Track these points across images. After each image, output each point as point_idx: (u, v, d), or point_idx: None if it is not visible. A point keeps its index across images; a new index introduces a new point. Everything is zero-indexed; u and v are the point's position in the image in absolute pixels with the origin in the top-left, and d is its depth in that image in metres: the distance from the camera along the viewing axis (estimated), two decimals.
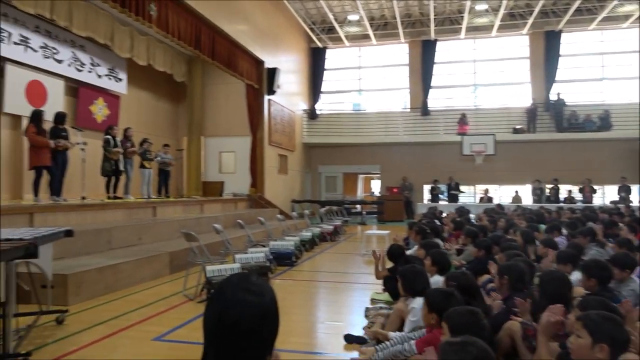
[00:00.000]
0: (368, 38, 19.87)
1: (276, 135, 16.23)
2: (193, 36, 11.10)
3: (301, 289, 6.44)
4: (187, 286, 5.94)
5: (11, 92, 9.69)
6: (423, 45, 19.78)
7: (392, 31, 19.64)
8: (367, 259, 8.80)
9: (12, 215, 6.60)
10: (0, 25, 9.26)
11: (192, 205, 11.73)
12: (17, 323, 4.03)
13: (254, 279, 1.27)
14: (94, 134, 11.28)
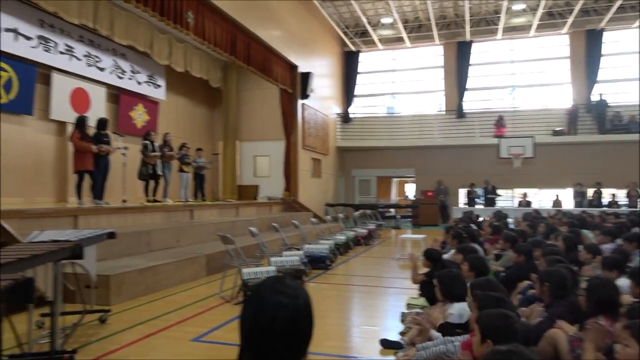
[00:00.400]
0: (402, 41, 19.73)
1: (310, 139, 16.30)
2: (229, 42, 11.30)
3: (336, 293, 6.43)
4: (224, 288, 6.03)
5: (57, 99, 10.11)
6: (458, 47, 19.49)
7: (427, 33, 19.44)
8: (402, 263, 8.72)
9: (57, 218, 6.87)
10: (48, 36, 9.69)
11: (228, 209, 11.91)
12: (64, 321, 4.18)
13: (289, 282, 1.28)
14: (134, 139, 11.62)
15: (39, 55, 9.57)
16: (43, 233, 4.15)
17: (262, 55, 12.94)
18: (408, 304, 5.30)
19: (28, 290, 1.80)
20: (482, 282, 3.27)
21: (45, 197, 9.92)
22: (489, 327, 2.30)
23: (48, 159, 10.07)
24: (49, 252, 2.95)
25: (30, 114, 9.53)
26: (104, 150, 8.48)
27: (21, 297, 1.80)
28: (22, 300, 1.80)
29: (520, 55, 19.43)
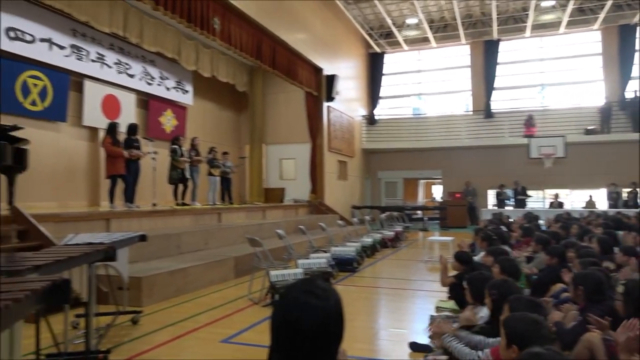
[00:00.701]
0: (427, 41, 19.56)
1: (335, 142, 16.31)
2: (254, 47, 11.42)
3: (363, 295, 6.40)
4: (252, 290, 6.08)
5: (89, 106, 10.40)
6: (485, 46, 19.20)
7: (453, 33, 19.23)
8: (430, 265, 8.62)
9: (91, 221, 7.07)
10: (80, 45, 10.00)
11: (255, 212, 12.02)
12: (98, 322, 4.29)
13: (320, 283, 1.28)
14: (164, 144, 11.86)
15: (72, 63, 9.87)
16: (77, 236, 4.27)
17: (287, 59, 13.02)
18: (437, 307, 5.23)
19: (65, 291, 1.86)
20: (499, 283, 3.21)
21: (79, 201, 10.20)
22: (515, 332, 2.23)
23: (81, 164, 10.36)
24: (84, 254, 3.04)
25: (64, 120, 9.84)
26: (134, 155, 8.68)
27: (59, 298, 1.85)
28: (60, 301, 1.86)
29: (550, 53, 19.00)
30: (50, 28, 9.33)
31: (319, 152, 15.26)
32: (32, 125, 8.85)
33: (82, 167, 10.38)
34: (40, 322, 3.47)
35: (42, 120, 9.40)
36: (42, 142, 9.27)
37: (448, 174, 19.36)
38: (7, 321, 1.56)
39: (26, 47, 8.89)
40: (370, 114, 20.24)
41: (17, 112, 8.82)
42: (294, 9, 13.42)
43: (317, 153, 15.23)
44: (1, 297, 1.56)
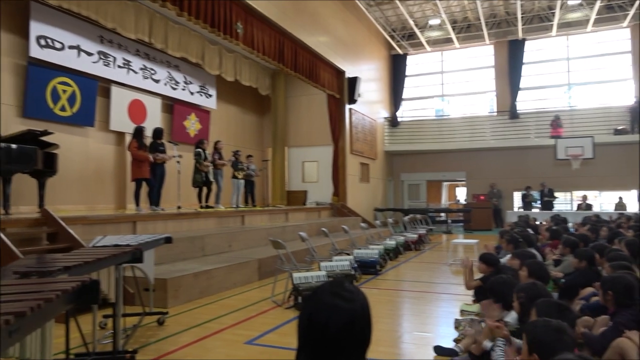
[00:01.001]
0: (450, 42, 19.37)
1: (358, 144, 16.28)
2: (276, 50, 11.49)
3: (386, 298, 6.36)
4: (275, 292, 6.11)
5: (116, 111, 10.63)
6: (510, 46, 18.91)
7: (476, 33, 19.00)
8: (454, 268, 8.52)
9: (117, 223, 7.21)
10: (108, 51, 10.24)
11: (278, 214, 12.07)
12: (124, 323, 4.37)
13: (348, 286, 1.28)
14: (188, 148, 12.03)
15: (100, 69, 10.11)
16: (105, 238, 4.36)
17: (309, 62, 13.07)
18: (462, 311, 5.15)
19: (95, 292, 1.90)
20: (527, 286, 3.14)
21: (106, 204, 10.42)
22: (536, 340, 2.14)
23: (108, 168, 10.59)
24: (112, 255, 3.10)
25: (92, 125, 10.07)
26: (159, 159, 8.83)
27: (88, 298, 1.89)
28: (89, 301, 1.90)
29: (577, 52, 18.59)
30: (78, 35, 9.58)
31: (341, 154, 15.25)
32: (61, 130, 9.08)
33: (109, 171, 10.61)
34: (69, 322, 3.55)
35: (71, 125, 9.64)
36: (71, 146, 9.51)
37: (472, 175, 19.11)
38: (39, 320, 1.60)
39: (56, 54, 9.14)
40: (392, 115, 20.14)
41: (47, 118, 9.07)
42: (316, 11, 13.47)
43: (339, 155, 15.22)
44: (33, 297, 1.61)
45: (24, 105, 8.74)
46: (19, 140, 6.68)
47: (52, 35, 9.06)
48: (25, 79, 8.75)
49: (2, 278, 2.33)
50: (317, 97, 15.41)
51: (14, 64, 8.68)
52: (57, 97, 9.27)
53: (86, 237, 6.14)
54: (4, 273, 2.49)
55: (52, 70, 9.16)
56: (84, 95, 9.76)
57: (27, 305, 1.45)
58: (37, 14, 8.78)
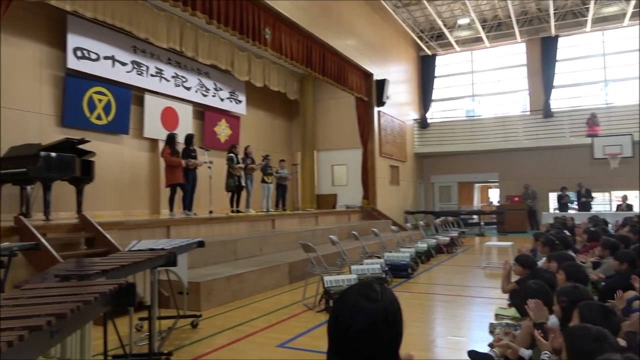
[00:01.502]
0: (480, 41, 19.06)
1: (387, 147, 16.18)
2: (304, 55, 11.56)
3: (418, 302, 6.29)
4: (306, 296, 6.12)
5: (149, 118, 10.89)
6: (542, 43, 18.45)
7: (507, 31, 18.64)
8: (488, 271, 8.36)
9: (152, 228, 7.38)
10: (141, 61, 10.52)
11: (308, 218, 12.11)
12: (159, 325, 4.46)
13: (376, 287, 1.27)
14: (218, 153, 12.23)
15: (133, 79, 10.39)
16: (140, 242, 4.47)
17: (337, 65, 13.09)
18: (497, 315, 5.05)
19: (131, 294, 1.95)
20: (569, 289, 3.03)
21: (141, 210, 10.68)
22: (575, 347, 2.06)
23: (142, 174, 10.85)
24: (147, 259, 3.18)
25: (126, 133, 10.35)
26: (192, 164, 9.00)
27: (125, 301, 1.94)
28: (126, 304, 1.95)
29: (613, 47, 17.98)
30: (113, 46, 9.87)
31: (371, 157, 15.20)
32: (97, 138, 9.37)
33: (143, 177, 10.87)
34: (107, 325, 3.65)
35: (106, 133, 9.93)
36: (107, 154, 9.79)
37: (505, 177, 18.72)
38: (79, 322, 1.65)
39: (92, 65, 9.45)
40: (422, 117, 19.95)
41: (84, 126, 9.37)
42: (343, 15, 13.49)
43: (369, 158, 15.17)
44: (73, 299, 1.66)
45: (62, 115, 9.06)
46: (58, 148, 6.93)
47: (88, 47, 9.37)
48: (63, 90, 9.07)
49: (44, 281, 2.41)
50: (346, 100, 15.40)
51: (53, 75, 9.02)
52: (93, 106, 9.57)
53: (122, 242, 6.31)
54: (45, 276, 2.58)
55: (88, 80, 9.47)
56: (119, 103, 10.05)
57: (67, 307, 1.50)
58: (73, 27, 9.09)
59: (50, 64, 8.97)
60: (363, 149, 15.16)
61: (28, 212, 7.08)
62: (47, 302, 1.64)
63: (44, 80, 8.85)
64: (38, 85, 8.76)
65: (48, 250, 5.25)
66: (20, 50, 8.47)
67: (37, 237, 5.34)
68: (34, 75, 8.70)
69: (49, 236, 5.76)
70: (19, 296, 1.76)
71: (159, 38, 9.91)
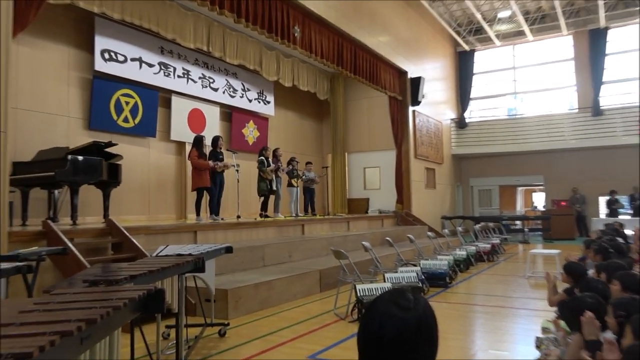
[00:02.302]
0: (522, 34, 18.68)
1: (422, 148, 16.03)
2: (335, 53, 11.59)
3: (457, 313, 6.19)
4: (338, 305, 6.11)
5: (176, 120, 11.12)
6: (591, 36, 17.93)
7: (552, 24, 18.20)
8: (533, 281, 8.17)
9: (179, 233, 7.52)
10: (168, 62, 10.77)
11: (339, 223, 12.10)
12: (186, 333, 4.53)
13: (408, 294, 1.26)
14: (247, 156, 12.38)
15: (160, 80, 10.64)
16: (167, 247, 4.56)
17: (369, 63, 13.07)
18: (543, 328, 4.91)
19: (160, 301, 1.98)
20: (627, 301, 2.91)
21: (167, 214, 10.90)
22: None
23: (169, 177, 11.08)
24: (175, 265, 3.24)
25: (153, 135, 10.60)
26: (220, 167, 9.13)
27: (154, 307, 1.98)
28: (155, 310, 1.99)
29: None
30: (140, 47, 10.14)
31: (405, 159, 15.08)
32: (124, 141, 9.62)
33: (170, 181, 11.10)
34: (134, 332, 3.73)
35: (133, 136, 10.20)
36: (133, 157, 10.04)
37: (551, 179, 18.26)
38: (108, 328, 1.69)
39: (119, 67, 9.73)
40: (460, 116, 19.68)
41: (111, 129, 9.65)
42: (375, 11, 13.45)
43: (403, 160, 15.06)
44: (102, 304, 1.70)
45: (90, 118, 9.35)
46: (85, 152, 7.16)
47: (115, 49, 9.65)
48: (90, 92, 9.37)
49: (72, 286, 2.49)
50: (378, 99, 15.35)
51: (80, 78, 9.32)
52: (121, 109, 9.84)
53: (149, 247, 6.46)
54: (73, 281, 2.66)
55: (115, 82, 9.75)
56: (146, 106, 10.30)
57: (97, 313, 1.54)
58: (101, 29, 9.39)
59: (78, 67, 9.28)
60: (397, 150, 15.06)
61: (56, 216, 7.34)
62: (77, 307, 1.69)
63: (71, 83, 9.17)
64: (66, 88, 9.07)
65: (75, 255, 5.41)
66: (48, 53, 8.80)
67: (64, 242, 5.51)
68: (61, 78, 9.01)
69: (76, 241, 5.94)
70: (48, 301, 1.82)
71: (186, 38, 10.12)
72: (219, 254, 4.91)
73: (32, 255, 4.14)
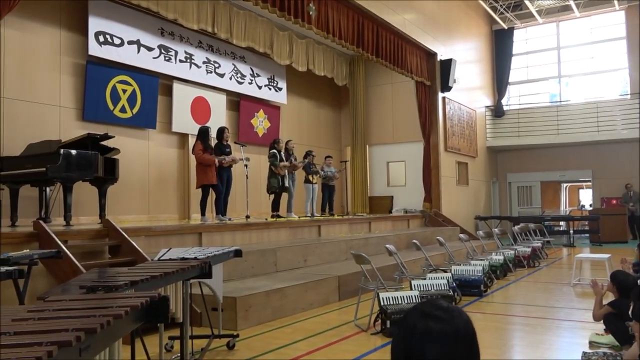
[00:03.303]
0: (568, 10, 18.45)
1: (454, 139, 15.95)
2: (355, 33, 11.57)
3: (494, 325, 6.16)
4: (359, 315, 6.12)
5: (178, 110, 11.22)
6: None
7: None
8: (580, 290, 8.10)
9: (182, 235, 7.61)
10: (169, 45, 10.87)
11: (359, 224, 12.11)
12: (192, 345, 4.59)
13: (440, 303, 1.27)
14: (256, 149, 12.45)
15: (161, 65, 10.74)
16: (170, 251, 4.62)
17: (393, 45, 13.02)
18: (591, 342, 4.89)
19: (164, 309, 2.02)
20: None
21: (169, 214, 11.03)
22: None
23: (171, 173, 11.19)
24: (179, 270, 3.28)
25: (153, 127, 10.71)
26: (227, 162, 9.17)
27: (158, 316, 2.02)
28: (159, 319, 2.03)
29: None
30: (138, 29, 10.25)
31: (434, 152, 15.03)
32: (121, 133, 9.74)
33: (172, 177, 11.21)
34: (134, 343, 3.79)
35: (131, 128, 10.32)
36: (132, 150, 10.16)
37: (600, 175, 18.03)
38: (108, 339, 1.73)
39: (115, 51, 9.84)
40: (496, 104, 19.53)
41: (107, 120, 9.78)
42: None
43: (432, 154, 15.00)
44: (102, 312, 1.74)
45: (83, 108, 9.48)
46: (78, 145, 7.28)
47: (111, 31, 9.76)
48: (84, 79, 9.50)
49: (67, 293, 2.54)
50: (404, 85, 15.30)
51: (73, 63, 9.45)
52: (117, 98, 9.96)
53: (149, 250, 6.54)
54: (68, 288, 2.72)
55: (111, 68, 9.87)
56: (145, 94, 10.41)
57: (97, 322, 1.58)
58: (95, 9, 9.51)
59: (70, 51, 9.41)
60: (425, 142, 15.00)
61: (47, 216, 7.48)
62: (75, 315, 1.73)
63: (63, 70, 9.30)
64: (57, 74, 9.21)
65: (70, 258, 5.51)
66: (37, 37, 8.93)
67: (57, 244, 5.61)
68: (52, 63, 9.15)
69: (69, 243, 6.04)
70: (43, 308, 1.87)
71: (189, 19, 10.18)
72: (227, 258, 4.95)
73: (23, 259, 4.23)
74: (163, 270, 3.11)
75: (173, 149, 11.31)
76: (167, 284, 3.19)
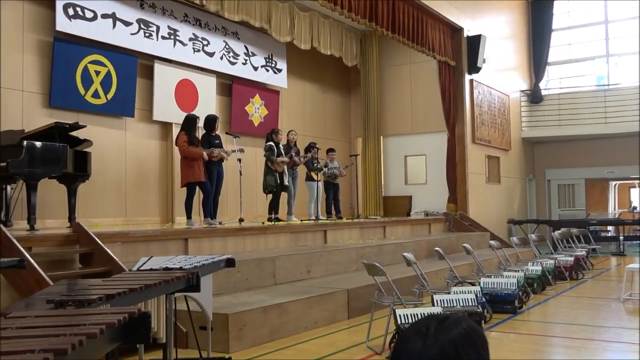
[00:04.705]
0: None
1: (483, 129, 15.92)
2: (367, 4, 11.56)
3: (529, 347, 6.17)
4: (372, 336, 6.12)
5: (160, 95, 11.22)
6: None
7: None
8: (631, 306, 8.09)
9: (165, 241, 7.64)
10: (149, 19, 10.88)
11: (372, 228, 12.11)
12: None
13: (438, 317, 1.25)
14: (251, 141, 12.44)
15: (140, 43, 10.74)
16: (151, 259, 4.63)
17: (411, 18, 13.01)
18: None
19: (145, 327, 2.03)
20: None
21: (149, 217, 11.03)
22: None
23: (151, 170, 11.20)
24: (162, 281, 3.29)
25: (131, 115, 10.73)
26: (216, 156, 9.17)
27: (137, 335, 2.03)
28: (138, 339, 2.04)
29: None
30: (113, 0, 10.24)
31: (460, 144, 15.02)
32: (94, 122, 9.75)
33: (153, 174, 11.22)
34: None
35: (105, 116, 10.33)
36: (107, 143, 10.17)
37: None
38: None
39: (86, 26, 9.85)
40: (533, 87, 19.51)
41: (78, 107, 9.80)
42: None
43: (457, 146, 15.00)
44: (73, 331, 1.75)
45: (50, 92, 9.50)
46: (44, 136, 7.29)
47: (82, 3, 9.76)
48: (51, 59, 9.50)
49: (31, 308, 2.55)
50: (424, 65, 15.29)
51: (38, 40, 9.47)
52: (89, 81, 9.98)
53: (126, 259, 6.56)
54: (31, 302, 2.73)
55: (82, 46, 9.89)
56: (121, 76, 10.42)
57: (67, 342, 1.59)
58: None
59: (35, 27, 9.42)
60: (449, 133, 15.00)
61: (8, 219, 7.50)
62: (41, 334, 1.74)
63: (27, 48, 9.31)
64: (19, 54, 9.21)
65: (34, 268, 5.53)
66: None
67: (20, 252, 5.63)
68: (14, 41, 9.14)
69: (34, 251, 6.06)
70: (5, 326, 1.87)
71: None
72: (218, 268, 4.96)
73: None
74: (143, 282, 3.12)
75: (154, 140, 11.32)
76: (148, 298, 3.20)
